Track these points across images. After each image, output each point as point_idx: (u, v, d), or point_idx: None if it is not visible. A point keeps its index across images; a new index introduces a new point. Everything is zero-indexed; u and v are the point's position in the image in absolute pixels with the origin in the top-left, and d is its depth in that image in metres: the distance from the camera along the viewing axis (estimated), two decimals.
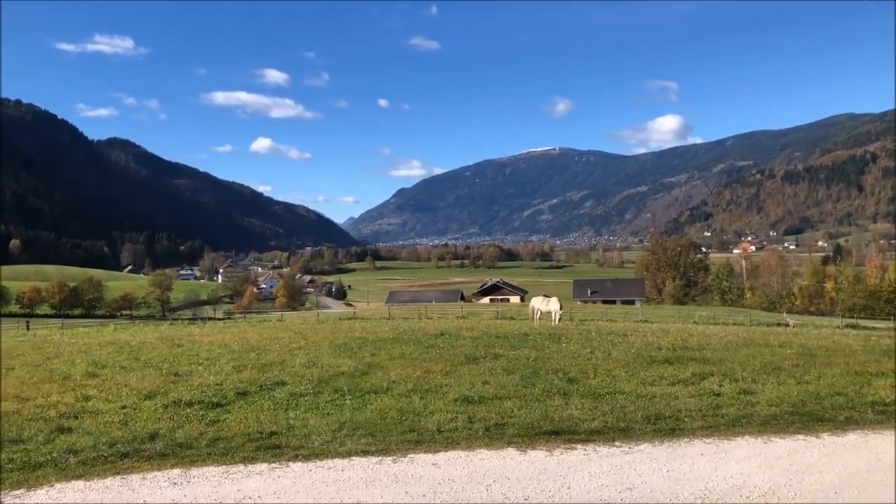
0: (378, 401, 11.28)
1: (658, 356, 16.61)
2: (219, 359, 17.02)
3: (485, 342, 20.08)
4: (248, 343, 21.23)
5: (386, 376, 13.67)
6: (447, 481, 7.33)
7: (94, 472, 7.66)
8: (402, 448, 8.52)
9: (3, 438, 9.02)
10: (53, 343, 24.91)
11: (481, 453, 8.34)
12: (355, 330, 26.43)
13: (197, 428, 9.61)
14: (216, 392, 12.13)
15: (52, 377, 14.62)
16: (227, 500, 6.80)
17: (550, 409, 10.55)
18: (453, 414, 10.16)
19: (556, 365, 15.07)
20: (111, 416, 10.35)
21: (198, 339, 23.51)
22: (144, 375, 14.38)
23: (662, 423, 9.85)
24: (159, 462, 8.02)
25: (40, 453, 8.32)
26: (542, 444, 8.71)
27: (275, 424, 9.69)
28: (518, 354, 16.99)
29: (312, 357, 16.83)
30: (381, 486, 7.20)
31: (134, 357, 18.13)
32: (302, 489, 7.10)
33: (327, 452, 8.32)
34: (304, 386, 12.68)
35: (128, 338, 26.40)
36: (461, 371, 14.35)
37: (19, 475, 7.58)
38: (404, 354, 17.22)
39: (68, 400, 11.67)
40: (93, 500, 6.85)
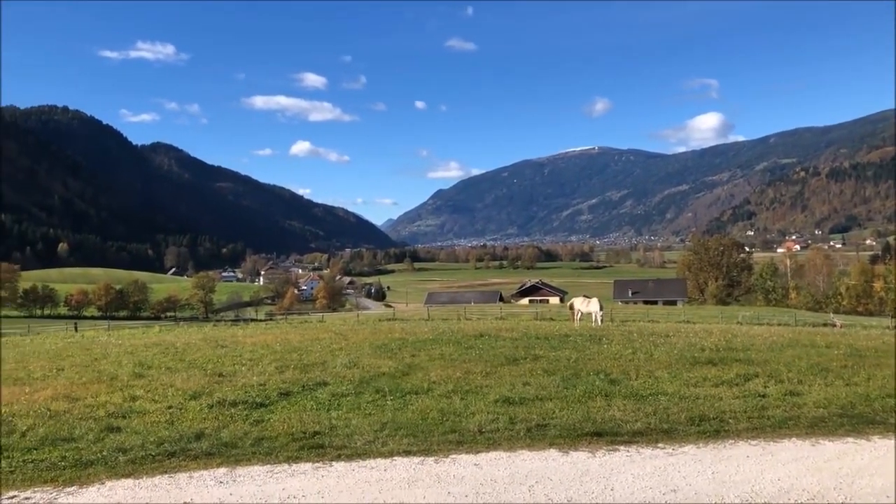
0: (419, 401, 11.32)
1: (701, 357, 16.38)
2: (261, 359, 17.24)
3: (525, 343, 20.02)
4: (290, 344, 21.46)
5: (426, 377, 13.71)
6: (489, 482, 7.32)
7: (143, 471, 7.82)
8: (443, 448, 8.54)
9: (56, 437, 9.26)
10: (101, 344, 25.47)
11: (523, 454, 8.32)
12: (395, 331, 26.56)
13: (241, 428, 9.75)
14: (259, 392, 12.29)
15: (100, 378, 14.95)
16: (272, 499, 6.89)
17: (592, 411, 10.48)
18: (494, 415, 10.15)
19: (598, 366, 14.96)
20: (158, 416, 10.55)
21: (241, 340, 23.84)
22: (189, 376, 14.62)
23: (706, 425, 9.72)
24: (205, 461, 8.16)
25: (91, 451, 8.53)
26: (585, 446, 8.66)
27: (317, 424, 9.78)
28: (559, 355, 16.91)
29: (353, 358, 16.95)
30: (423, 486, 7.23)
31: (179, 358, 18.46)
32: (345, 488, 7.15)
33: (370, 452, 8.38)
34: (346, 386, 12.77)
35: (173, 339, 26.88)
36: (501, 372, 14.33)
37: (71, 472, 7.78)
38: (444, 355, 17.25)
39: (116, 400, 11.92)
40: (142, 497, 6.99)
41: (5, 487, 7.37)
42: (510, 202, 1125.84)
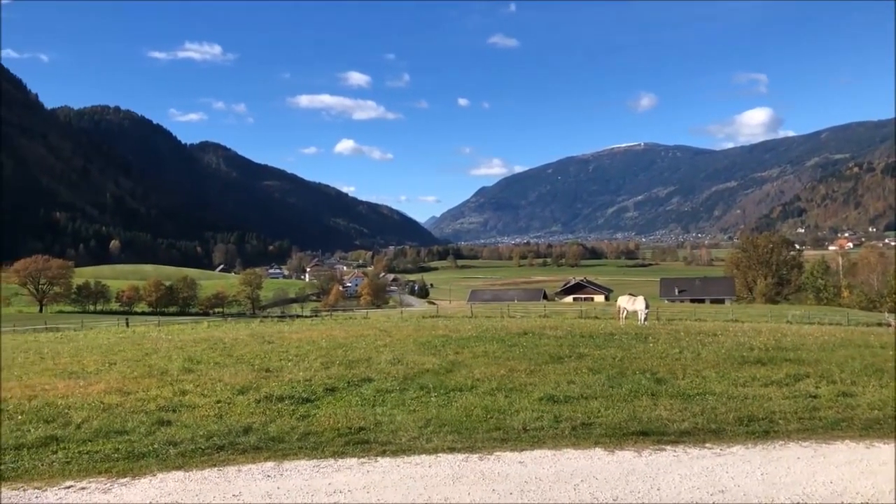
0: (463, 398, 11.33)
1: (750, 356, 16.09)
2: (307, 355, 17.44)
3: (569, 341, 19.91)
4: (335, 340, 21.67)
5: (470, 374, 13.72)
6: (534, 480, 7.30)
7: (193, 464, 7.98)
8: (488, 446, 8.53)
9: (109, 429, 9.50)
10: (151, 339, 26.07)
11: (568, 453, 8.27)
12: (438, 328, 26.64)
13: (288, 422, 9.88)
14: (305, 388, 12.44)
15: (151, 372, 15.30)
16: (318, 494, 6.97)
17: (638, 410, 10.37)
18: (539, 413, 10.11)
19: (644, 365, 14.80)
20: (207, 410, 10.74)
21: (287, 337, 24.16)
22: (237, 371, 14.87)
23: (755, 426, 9.54)
24: (253, 455, 8.29)
25: (143, 444, 8.73)
26: (631, 445, 8.58)
27: (363, 420, 9.86)
28: (604, 354, 16.77)
29: (397, 354, 17.05)
30: (468, 482, 7.23)
31: (227, 353, 18.78)
32: (391, 484, 7.20)
33: (414, 448, 8.42)
34: (390, 383, 12.86)
35: (221, 335, 27.37)
36: (546, 370, 14.26)
37: (124, 464, 7.98)
38: (488, 353, 17.25)
39: (166, 394, 12.18)
40: (192, 490, 7.13)
41: (62, 477, 7.60)
42: (554, 199, 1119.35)
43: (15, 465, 7.99)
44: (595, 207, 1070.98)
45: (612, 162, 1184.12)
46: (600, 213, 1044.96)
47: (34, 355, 20.87)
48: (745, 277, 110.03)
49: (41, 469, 7.89)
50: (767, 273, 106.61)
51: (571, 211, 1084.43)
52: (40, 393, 12.62)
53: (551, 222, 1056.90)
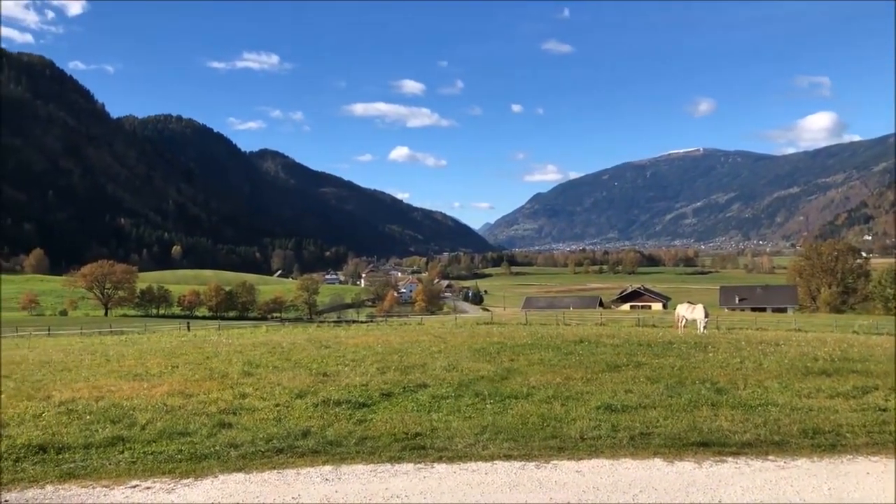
0: (518, 406, 11.27)
1: (814, 367, 15.61)
2: (363, 360, 17.57)
3: (626, 350, 19.62)
4: (391, 345, 21.78)
5: (525, 382, 13.63)
6: (592, 489, 7.22)
7: (253, 466, 8.11)
8: (544, 454, 8.46)
9: (173, 431, 9.73)
10: (212, 343, 26.59)
11: (626, 462, 8.15)
12: (493, 335, 26.55)
13: (345, 427, 9.96)
14: (362, 392, 12.52)
15: (212, 375, 15.60)
16: (375, 498, 7.02)
17: (698, 420, 10.16)
18: (596, 422, 9.99)
19: (703, 374, 14.49)
20: (266, 414, 10.90)
21: (343, 341, 24.38)
22: (295, 375, 15.05)
23: (821, 438, 9.25)
24: (311, 458, 8.38)
25: (205, 446, 8.91)
26: (690, 456, 8.41)
27: (419, 426, 9.88)
28: (662, 363, 16.49)
29: (452, 361, 17.05)
30: (524, 490, 7.19)
31: (285, 357, 19.04)
32: (447, 490, 7.20)
33: (471, 455, 8.40)
34: (446, 389, 12.85)
35: (279, 339, 27.78)
36: (602, 378, 14.09)
37: (187, 465, 8.16)
38: (543, 360, 17.13)
39: (227, 397, 12.39)
40: (252, 491, 7.25)
41: (128, 476, 7.82)
42: (611, 205, 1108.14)
43: (84, 464, 8.25)
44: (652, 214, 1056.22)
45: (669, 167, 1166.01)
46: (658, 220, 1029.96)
47: (100, 357, 21.47)
48: (809, 286, 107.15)
49: (108, 468, 8.12)
50: (832, 282, 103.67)
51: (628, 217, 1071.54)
52: (107, 394, 12.99)
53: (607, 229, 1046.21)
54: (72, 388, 13.89)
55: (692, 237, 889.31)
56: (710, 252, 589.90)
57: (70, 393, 13.21)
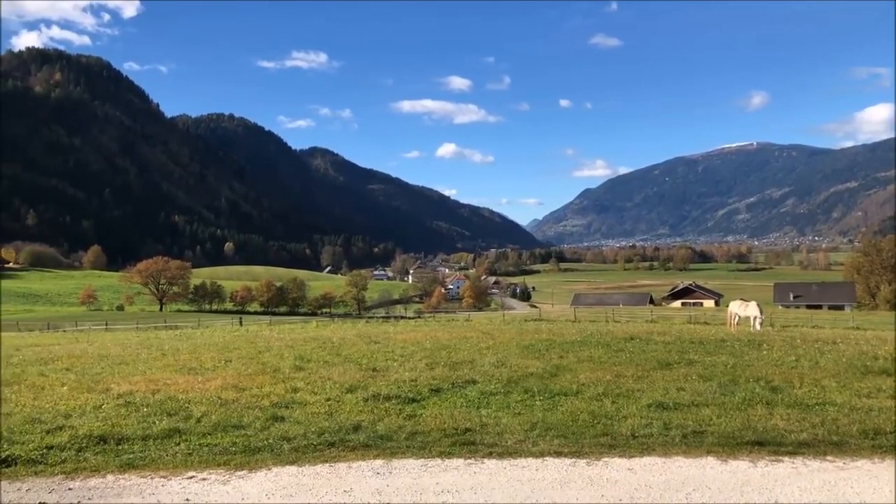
0: (568, 403, 11.19)
1: (874, 366, 15.15)
2: (412, 356, 17.67)
3: (678, 347, 19.35)
4: (439, 342, 21.85)
5: (575, 379, 13.54)
6: (644, 487, 7.14)
7: (306, 459, 8.22)
8: (595, 451, 8.39)
9: (227, 424, 9.92)
10: (264, 338, 27.02)
11: (678, 461, 8.03)
12: (541, 331, 26.43)
13: (395, 421, 10.03)
14: (411, 388, 12.59)
15: (264, 369, 15.86)
16: (426, 493, 7.05)
17: (752, 419, 9.95)
18: (647, 419, 9.87)
19: (757, 373, 14.20)
20: (317, 408, 11.04)
21: (392, 337, 24.55)
22: (345, 370, 15.22)
23: (883, 439, 8.96)
24: (363, 452, 8.46)
25: (258, 439, 9.08)
26: (745, 455, 8.24)
27: (468, 421, 9.89)
28: (715, 361, 16.21)
29: (501, 357, 17.03)
30: (576, 487, 7.15)
31: (335, 352, 19.25)
32: (498, 486, 7.20)
33: (521, 451, 8.38)
34: (494, 385, 12.84)
35: (329, 334, 28.11)
36: (653, 376, 13.91)
37: (241, 458, 8.31)
38: (593, 357, 16.99)
39: (279, 391, 12.58)
40: (305, 484, 7.35)
41: (185, 467, 8.01)
42: (661, 201, 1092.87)
43: (142, 455, 8.47)
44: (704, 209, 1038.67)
45: (722, 162, 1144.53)
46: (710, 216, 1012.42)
47: (156, 351, 21.99)
48: (867, 283, 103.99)
49: (165, 459, 8.32)
50: (892, 279, 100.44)
51: (679, 213, 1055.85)
52: (163, 387, 13.31)
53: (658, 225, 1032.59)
54: (129, 382, 14.27)
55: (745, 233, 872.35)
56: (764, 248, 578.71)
57: (128, 386, 13.58)
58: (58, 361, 19.41)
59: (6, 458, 8.40)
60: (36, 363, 19.19)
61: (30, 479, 7.78)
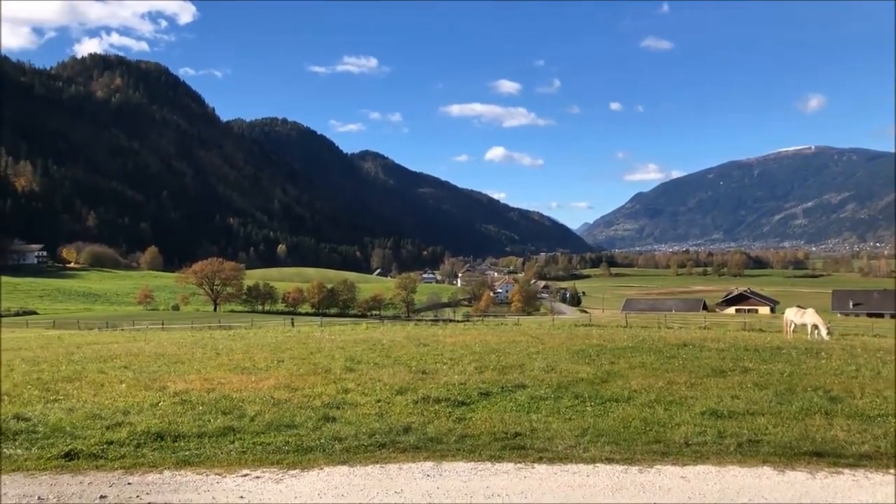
0: (619, 409, 11.07)
1: None
2: (461, 359, 17.67)
3: (732, 354, 18.96)
4: (488, 345, 21.80)
5: (626, 385, 13.37)
6: (698, 496, 7.02)
7: (357, 459, 8.30)
8: (647, 458, 8.29)
9: (280, 423, 10.06)
10: (315, 339, 27.32)
11: (733, 470, 7.88)
12: (592, 337, 26.17)
13: (445, 424, 10.04)
14: (461, 391, 12.58)
15: (315, 370, 16.04)
16: (476, 496, 7.05)
17: (810, 429, 9.70)
18: (701, 427, 9.69)
19: (815, 382, 13.83)
20: (368, 409, 11.12)
21: (441, 340, 24.58)
22: (395, 372, 15.29)
23: None
24: (413, 454, 8.50)
25: (310, 438, 9.19)
26: (803, 466, 8.04)
27: (518, 426, 9.85)
28: (770, 369, 15.84)
29: (551, 362, 16.91)
30: (628, 494, 7.07)
31: (385, 354, 19.37)
32: (548, 491, 7.16)
33: (571, 457, 8.32)
34: (544, 390, 12.76)
35: (379, 336, 28.28)
36: (707, 384, 13.65)
37: (294, 457, 8.44)
38: (644, 364, 16.76)
39: (330, 391, 12.70)
40: (357, 485, 7.42)
41: (239, 465, 8.16)
42: (715, 206, 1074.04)
43: (198, 452, 8.67)
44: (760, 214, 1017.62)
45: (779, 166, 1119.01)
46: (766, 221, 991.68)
47: (210, 351, 22.40)
48: None
49: (220, 457, 8.50)
50: None
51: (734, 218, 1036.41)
52: (217, 386, 13.57)
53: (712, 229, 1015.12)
54: (185, 380, 14.59)
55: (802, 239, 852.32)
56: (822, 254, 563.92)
57: (183, 384, 13.88)
58: (116, 359, 19.93)
59: (69, 451, 8.68)
60: (96, 361, 19.72)
61: (91, 473, 8.02)
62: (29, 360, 20.56)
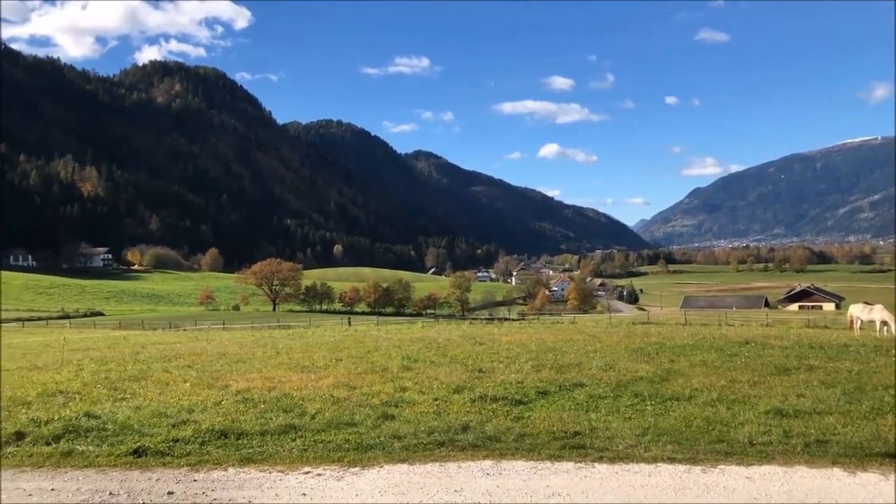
0: (681, 408, 10.88)
1: None
2: (518, 358, 17.61)
3: (796, 352, 18.45)
4: (545, 344, 21.69)
5: (687, 383, 13.13)
6: (764, 497, 6.86)
7: (416, 458, 8.36)
8: (710, 458, 8.13)
9: (340, 421, 10.19)
10: (372, 338, 27.59)
11: (801, 471, 7.67)
12: (651, 335, 25.80)
13: (503, 423, 10.03)
14: (518, 389, 12.54)
15: (373, 369, 16.20)
16: (537, 495, 7.03)
17: (882, 429, 9.36)
18: (766, 427, 9.46)
19: (886, 380, 13.35)
20: (426, 407, 11.18)
21: (497, 339, 24.55)
22: (452, 371, 15.33)
23: None
24: (472, 453, 8.51)
25: (370, 437, 9.28)
26: (875, 467, 7.77)
27: (577, 425, 9.77)
28: (837, 367, 15.36)
29: (609, 360, 16.73)
30: (691, 495, 6.95)
31: (441, 353, 19.44)
32: (609, 490, 7.10)
33: (632, 457, 8.22)
34: (603, 389, 12.63)
35: (434, 335, 28.39)
36: (771, 382, 13.32)
37: (354, 455, 8.54)
38: (705, 362, 16.44)
39: (388, 390, 12.82)
40: (417, 483, 7.47)
41: (301, 462, 8.29)
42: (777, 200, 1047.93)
43: (261, 449, 8.85)
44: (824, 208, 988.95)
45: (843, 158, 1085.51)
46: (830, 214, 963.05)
47: (270, 350, 22.83)
48: None
49: (282, 454, 8.65)
50: None
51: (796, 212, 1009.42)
52: (278, 385, 13.81)
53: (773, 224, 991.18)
54: (246, 379, 14.88)
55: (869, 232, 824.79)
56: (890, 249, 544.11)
57: (245, 383, 14.17)
58: (180, 359, 20.46)
59: (137, 448, 8.94)
60: (160, 360, 20.29)
61: (158, 470, 8.26)
62: (97, 359, 21.27)
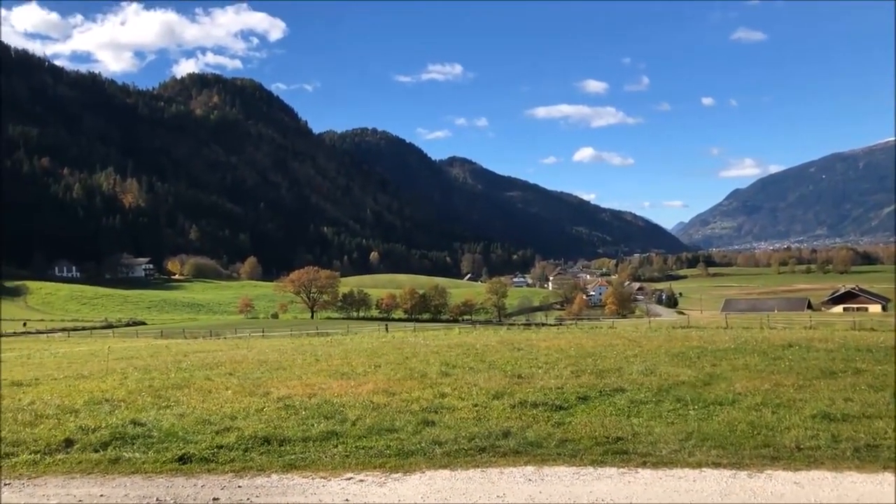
0: (724, 412, 10.74)
1: None
2: (557, 363, 17.54)
3: (842, 355, 18.08)
4: (584, 349, 21.57)
5: (730, 388, 12.96)
6: (813, 502, 6.74)
7: (458, 464, 8.36)
8: (756, 463, 8.01)
9: (380, 427, 10.23)
10: (410, 344, 27.68)
11: (851, 476, 7.52)
12: (691, 339, 25.52)
13: (544, 428, 9.99)
14: (558, 395, 12.50)
15: (412, 375, 16.24)
16: (580, 501, 6.98)
17: None
18: (813, 431, 9.29)
19: None
20: (466, 413, 11.18)
21: (535, 344, 24.48)
22: (490, 376, 15.31)
23: None
24: (513, 458, 8.50)
25: (411, 442, 9.31)
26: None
27: (619, 430, 9.70)
28: (886, 370, 15.02)
29: (649, 365, 16.58)
30: (737, 500, 6.84)
31: (479, 359, 19.44)
32: (654, 496, 7.02)
33: (676, 462, 8.13)
34: (644, 393, 12.53)
35: (472, 341, 28.40)
36: (816, 385, 13.08)
37: (396, 461, 8.57)
38: (748, 365, 16.21)
39: (428, 396, 12.84)
40: (459, 489, 7.47)
41: (343, 469, 8.35)
42: (818, 200, 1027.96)
43: (303, 456, 8.92)
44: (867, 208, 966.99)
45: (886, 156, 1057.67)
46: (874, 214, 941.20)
47: (310, 357, 23.02)
48: None
49: (325, 460, 8.72)
50: None
51: (839, 212, 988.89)
52: (318, 391, 13.92)
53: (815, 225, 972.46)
54: (287, 386, 15.03)
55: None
56: None
57: (286, 390, 14.30)
58: (221, 366, 20.73)
59: (182, 455, 9.08)
60: (202, 368, 20.57)
61: (203, 476, 8.37)
62: (141, 368, 21.64)
